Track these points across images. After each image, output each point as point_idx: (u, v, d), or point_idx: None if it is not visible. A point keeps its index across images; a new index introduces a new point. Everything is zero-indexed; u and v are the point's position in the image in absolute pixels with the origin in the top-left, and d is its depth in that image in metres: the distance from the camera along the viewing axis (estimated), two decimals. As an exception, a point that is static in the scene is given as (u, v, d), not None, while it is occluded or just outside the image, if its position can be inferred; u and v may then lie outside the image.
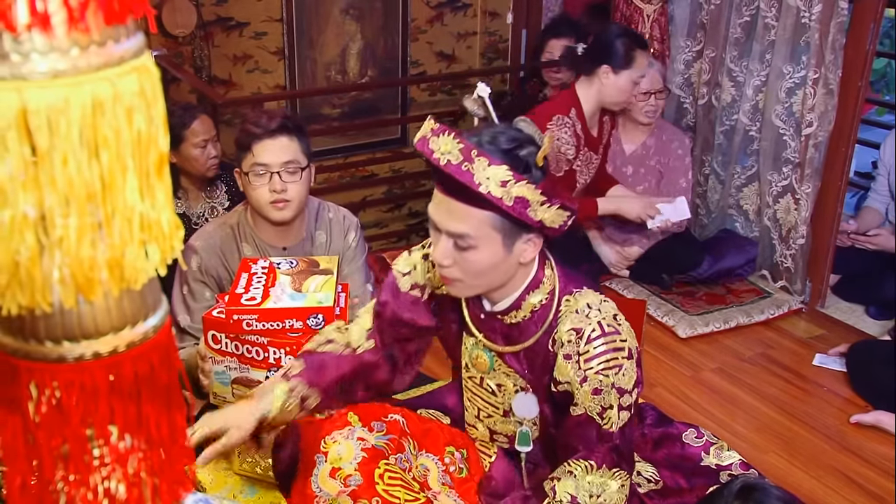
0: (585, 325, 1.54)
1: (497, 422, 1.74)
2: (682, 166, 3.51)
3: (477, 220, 1.43)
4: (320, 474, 1.60)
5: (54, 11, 0.57)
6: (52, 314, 0.65)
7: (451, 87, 4.48)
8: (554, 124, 3.02)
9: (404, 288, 1.75)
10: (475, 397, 1.76)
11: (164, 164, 0.66)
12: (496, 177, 1.36)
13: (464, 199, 1.41)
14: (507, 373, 1.67)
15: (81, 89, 0.59)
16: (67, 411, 0.67)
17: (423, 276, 1.74)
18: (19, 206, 0.60)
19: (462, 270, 1.50)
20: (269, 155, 2.14)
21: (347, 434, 1.65)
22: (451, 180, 1.39)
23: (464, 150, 1.37)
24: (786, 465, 2.48)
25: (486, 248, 1.46)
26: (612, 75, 3.03)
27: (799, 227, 3.33)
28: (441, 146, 1.39)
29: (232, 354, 1.92)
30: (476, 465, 1.77)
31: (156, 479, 0.72)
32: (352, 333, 1.79)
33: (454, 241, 1.46)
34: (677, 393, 2.84)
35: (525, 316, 1.59)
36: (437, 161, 1.39)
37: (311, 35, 4.05)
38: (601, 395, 1.51)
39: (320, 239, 2.34)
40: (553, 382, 1.58)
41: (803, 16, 3.16)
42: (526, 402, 1.66)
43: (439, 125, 1.44)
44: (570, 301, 1.58)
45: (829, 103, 3.14)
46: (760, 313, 3.31)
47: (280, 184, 2.15)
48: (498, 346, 1.65)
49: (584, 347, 1.52)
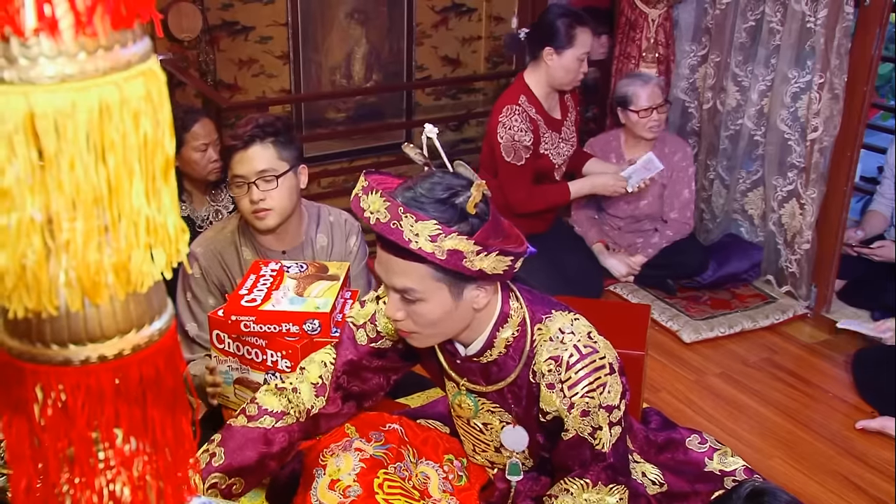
0: (562, 351, 1.50)
1: (491, 455, 1.74)
2: (686, 177, 3.51)
3: (417, 275, 1.40)
4: (319, 487, 1.59)
5: (62, 16, 0.58)
6: (59, 317, 0.65)
7: (455, 92, 4.48)
8: (505, 115, 3.07)
9: (362, 341, 1.70)
10: (467, 434, 1.75)
11: (170, 168, 0.66)
12: (424, 232, 1.33)
13: (401, 255, 1.39)
14: (493, 410, 1.64)
15: (88, 93, 0.59)
16: (73, 414, 0.67)
17: (385, 329, 1.70)
18: (26, 210, 0.60)
19: (415, 323, 1.47)
20: (242, 166, 2.12)
21: (345, 445, 1.64)
22: (384, 238, 1.37)
23: (390, 209, 1.34)
24: (790, 471, 2.47)
25: (433, 300, 1.43)
26: (555, 56, 3.06)
27: (804, 231, 3.32)
28: (370, 205, 1.37)
29: (234, 355, 1.93)
30: (476, 474, 1.76)
31: (161, 482, 0.72)
32: (302, 397, 1.69)
33: (401, 295, 1.44)
34: (681, 398, 2.83)
35: (500, 352, 1.56)
36: (367, 220, 1.37)
37: (317, 39, 4.06)
38: (589, 416, 1.50)
39: (321, 242, 2.32)
40: (541, 413, 1.56)
41: (808, 20, 3.15)
42: (514, 436, 1.64)
43: (369, 181, 1.40)
44: (542, 329, 1.54)
45: (835, 108, 3.14)
46: (765, 318, 3.30)
47: (257, 193, 2.12)
48: (480, 387, 1.62)
49: (566, 375, 1.50)
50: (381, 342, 1.70)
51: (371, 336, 1.70)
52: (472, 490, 1.73)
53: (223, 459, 1.61)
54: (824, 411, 2.77)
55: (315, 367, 1.72)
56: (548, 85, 3.13)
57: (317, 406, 1.70)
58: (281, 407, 1.68)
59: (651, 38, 3.62)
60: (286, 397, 1.69)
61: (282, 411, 1.68)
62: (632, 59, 3.71)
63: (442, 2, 4.29)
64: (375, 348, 1.70)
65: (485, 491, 1.75)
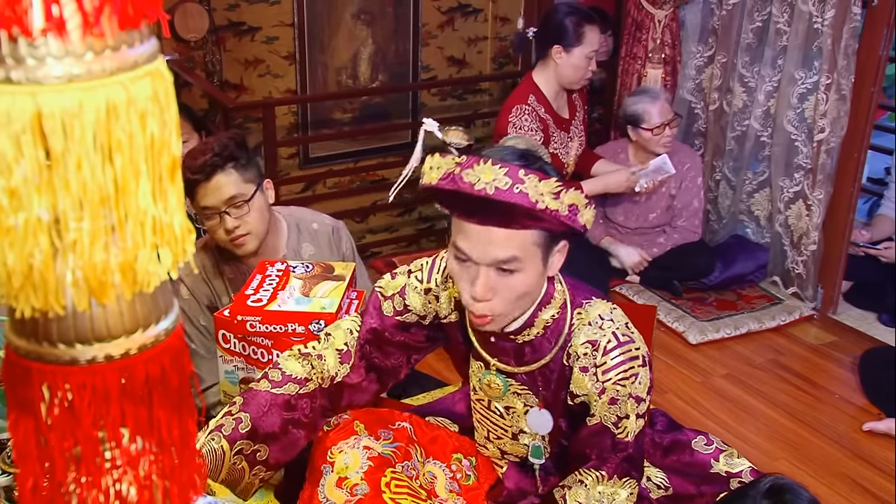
0: (600, 336, 1.52)
1: (506, 443, 1.73)
2: (695, 187, 3.50)
3: (521, 242, 1.40)
4: (327, 484, 1.60)
5: (69, 16, 0.58)
6: (65, 317, 0.66)
7: (461, 92, 4.48)
8: (515, 115, 3.07)
9: (388, 312, 1.69)
10: (484, 419, 1.74)
11: (176, 169, 0.66)
12: (548, 190, 1.33)
13: (505, 224, 1.37)
14: (519, 392, 1.65)
15: (96, 93, 0.60)
16: (79, 413, 0.67)
17: (421, 308, 1.68)
18: (33, 210, 0.60)
19: (503, 299, 1.45)
20: (209, 198, 2.08)
21: (353, 443, 1.64)
22: (492, 208, 1.35)
23: (510, 174, 1.32)
24: (797, 473, 2.46)
25: (529, 268, 1.43)
26: (564, 54, 3.07)
27: (811, 233, 3.31)
28: (482, 175, 1.33)
29: (239, 354, 1.93)
30: (484, 473, 1.76)
31: (167, 481, 0.72)
32: (327, 364, 1.69)
33: (497, 269, 1.42)
34: (687, 399, 2.83)
35: (538, 333, 1.57)
36: (480, 191, 1.32)
37: (323, 40, 4.06)
38: (617, 405, 1.51)
39: (308, 251, 2.29)
40: (570, 396, 1.57)
41: (816, 21, 3.14)
42: (540, 419, 1.64)
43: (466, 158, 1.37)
44: (582, 313, 1.56)
45: (842, 109, 3.13)
46: (771, 319, 3.29)
47: (231, 222, 2.09)
48: (511, 367, 1.63)
49: (602, 359, 1.51)
50: (407, 316, 1.69)
51: (398, 308, 1.69)
52: (480, 490, 1.73)
53: (249, 426, 1.59)
54: (831, 413, 2.76)
55: (341, 334, 1.71)
56: (557, 84, 3.14)
57: (341, 373, 1.69)
58: (304, 373, 1.66)
59: (657, 39, 3.61)
60: (310, 363, 1.68)
61: (305, 377, 1.66)
62: (638, 59, 3.71)
63: (448, 2, 4.29)
64: (400, 321, 1.70)
65: (493, 490, 1.75)
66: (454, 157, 1.39)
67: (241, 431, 1.57)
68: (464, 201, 1.38)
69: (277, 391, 1.64)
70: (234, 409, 1.61)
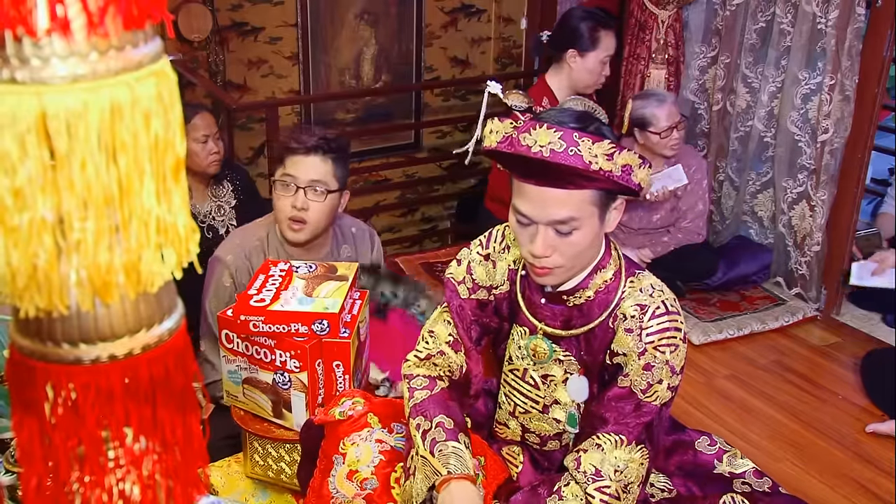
0: (650, 302, 1.57)
1: (533, 419, 1.75)
2: (700, 190, 3.48)
3: (577, 202, 1.46)
4: (338, 476, 1.61)
5: (74, 16, 0.58)
6: (69, 316, 0.66)
7: (464, 93, 4.48)
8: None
9: (464, 294, 1.76)
10: (513, 392, 1.76)
11: (180, 169, 0.66)
12: (601, 152, 1.40)
13: (561, 185, 1.44)
14: (562, 359, 1.68)
15: (100, 94, 0.60)
16: (83, 413, 0.67)
17: (485, 277, 1.74)
18: (38, 210, 0.60)
19: (562, 255, 1.52)
20: (297, 169, 2.16)
21: (366, 436, 1.66)
22: (548, 170, 1.42)
23: (564, 137, 1.40)
24: (800, 474, 2.46)
25: (586, 226, 1.49)
26: (579, 58, 3.08)
27: (814, 233, 3.31)
28: (538, 139, 1.41)
29: (242, 354, 1.93)
30: (492, 472, 1.76)
31: (170, 481, 0.73)
32: (450, 357, 1.76)
33: (555, 228, 1.49)
34: (690, 400, 2.82)
35: (589, 296, 1.61)
36: (537, 154, 1.41)
37: (326, 40, 4.06)
38: (652, 370, 1.54)
39: (346, 253, 2.38)
40: (609, 354, 1.60)
41: (819, 22, 3.14)
42: (578, 384, 1.68)
43: (523, 122, 1.47)
44: (634, 282, 1.61)
45: (846, 110, 3.12)
46: (775, 320, 3.29)
47: (303, 200, 2.16)
48: (558, 331, 1.66)
49: (648, 322, 1.55)
50: (479, 292, 1.75)
51: (470, 287, 1.75)
52: (488, 488, 1.73)
53: (452, 423, 1.63)
54: (834, 414, 2.76)
55: (442, 328, 1.77)
56: (570, 87, 3.14)
57: (459, 361, 1.75)
58: (435, 373, 1.73)
59: (661, 40, 3.61)
60: (433, 362, 1.75)
61: (437, 376, 1.73)
62: (641, 59, 3.71)
63: (451, 3, 4.29)
64: (476, 300, 1.75)
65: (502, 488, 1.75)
66: (511, 122, 1.47)
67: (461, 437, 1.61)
68: (522, 163, 1.45)
69: (435, 392, 1.69)
70: (432, 425, 1.62)
